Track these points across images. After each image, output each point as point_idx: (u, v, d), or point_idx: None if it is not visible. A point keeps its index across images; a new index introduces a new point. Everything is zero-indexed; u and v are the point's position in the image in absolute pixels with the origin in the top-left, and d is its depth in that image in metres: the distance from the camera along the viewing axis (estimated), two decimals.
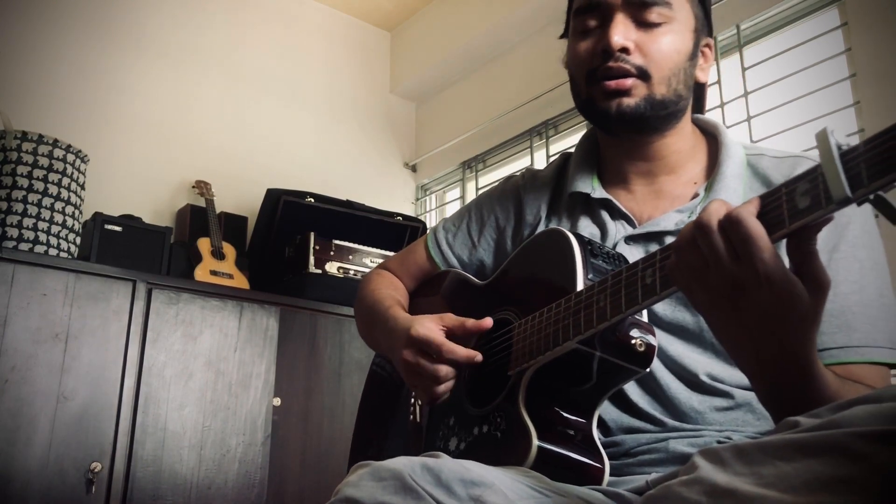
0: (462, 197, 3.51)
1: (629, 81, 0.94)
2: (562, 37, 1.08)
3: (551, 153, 3.03)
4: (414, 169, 3.75)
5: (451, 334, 0.96)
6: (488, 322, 0.96)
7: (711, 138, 1.05)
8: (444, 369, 0.93)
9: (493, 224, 1.16)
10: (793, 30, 2.35)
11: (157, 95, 3.02)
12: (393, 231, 3.03)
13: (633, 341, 0.83)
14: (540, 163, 3.05)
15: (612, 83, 0.94)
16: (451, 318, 0.97)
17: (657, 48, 0.95)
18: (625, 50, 0.94)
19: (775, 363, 0.68)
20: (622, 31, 0.94)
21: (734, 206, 0.66)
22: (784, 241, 0.65)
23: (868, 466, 0.45)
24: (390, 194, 3.62)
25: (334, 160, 3.48)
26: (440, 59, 3.50)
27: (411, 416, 1.10)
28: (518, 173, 1.21)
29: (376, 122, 3.69)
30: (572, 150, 1.15)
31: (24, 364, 2.05)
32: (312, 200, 2.85)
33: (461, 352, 0.93)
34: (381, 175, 3.64)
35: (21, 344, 2.06)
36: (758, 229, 0.63)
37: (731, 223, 0.64)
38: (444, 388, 0.94)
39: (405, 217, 3.07)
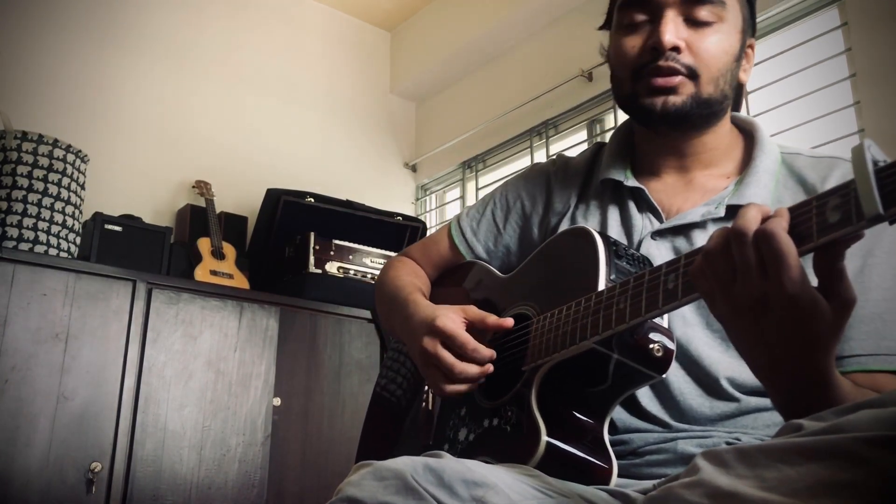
0: (462, 197, 3.51)
1: (677, 79, 0.93)
2: (602, 28, 1.07)
3: (551, 153, 3.03)
4: (414, 169, 3.75)
5: (471, 327, 0.95)
6: (509, 322, 0.94)
7: (748, 136, 1.04)
8: (460, 367, 0.91)
9: (518, 210, 1.15)
10: (793, 30, 2.35)
11: (157, 95, 3.02)
12: (393, 231, 3.03)
13: (651, 346, 0.82)
14: None
15: (661, 80, 0.93)
16: (473, 312, 0.96)
17: (707, 48, 0.94)
18: (675, 49, 0.93)
19: (792, 374, 0.67)
20: (674, 30, 0.93)
21: (768, 215, 0.65)
22: (811, 256, 0.64)
23: (871, 471, 0.45)
24: (390, 194, 3.61)
25: (334, 160, 3.47)
26: (440, 59, 3.49)
27: (424, 403, 1.09)
28: (548, 160, 1.19)
29: (376, 122, 3.69)
30: (607, 139, 1.14)
31: (24, 364, 2.05)
32: (312, 200, 2.85)
33: (484, 352, 0.92)
34: (381, 175, 3.64)
35: (21, 344, 2.06)
36: (789, 247, 0.62)
37: (763, 237, 0.63)
38: (453, 388, 0.93)
39: (405, 217, 3.08)
